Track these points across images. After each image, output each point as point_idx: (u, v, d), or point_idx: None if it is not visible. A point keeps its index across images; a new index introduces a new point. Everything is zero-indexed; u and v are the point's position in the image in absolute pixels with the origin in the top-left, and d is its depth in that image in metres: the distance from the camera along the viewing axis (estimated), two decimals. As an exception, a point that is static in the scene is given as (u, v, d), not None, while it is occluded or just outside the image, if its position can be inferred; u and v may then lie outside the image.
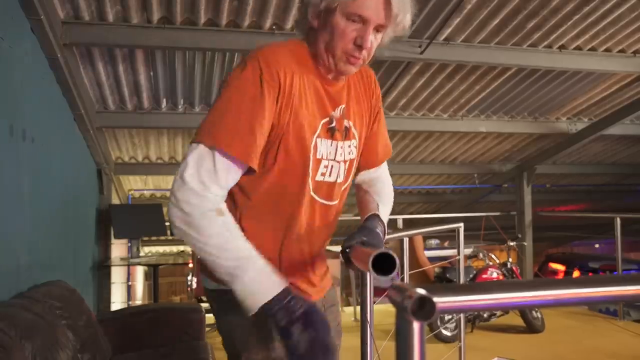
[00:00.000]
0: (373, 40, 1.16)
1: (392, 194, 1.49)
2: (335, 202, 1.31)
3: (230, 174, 1.09)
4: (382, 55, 3.74)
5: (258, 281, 1.04)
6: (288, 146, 1.18)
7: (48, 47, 2.86)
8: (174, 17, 3.20)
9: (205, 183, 1.05)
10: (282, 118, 1.15)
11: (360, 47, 1.15)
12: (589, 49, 4.10)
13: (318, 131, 1.21)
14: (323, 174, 1.25)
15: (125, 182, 6.56)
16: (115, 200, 5.83)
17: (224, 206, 1.09)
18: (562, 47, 4.04)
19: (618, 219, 5.05)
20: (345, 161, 1.29)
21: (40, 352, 1.85)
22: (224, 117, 1.10)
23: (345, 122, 1.27)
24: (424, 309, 0.67)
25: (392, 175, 1.49)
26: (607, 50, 4.14)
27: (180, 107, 4.54)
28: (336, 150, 1.26)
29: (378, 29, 1.16)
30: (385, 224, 1.37)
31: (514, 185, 7.15)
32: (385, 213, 1.41)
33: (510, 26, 3.64)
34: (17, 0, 2.43)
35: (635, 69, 4.32)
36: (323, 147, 1.23)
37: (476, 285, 0.72)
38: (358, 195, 1.45)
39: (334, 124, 1.25)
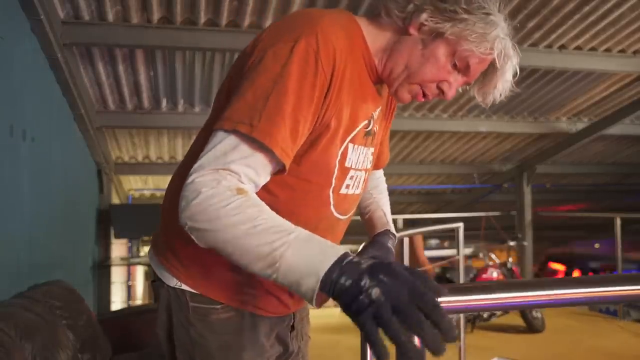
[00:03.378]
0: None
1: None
2: (348, 216, 1.15)
3: (262, 171, 0.87)
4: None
5: (307, 254, 0.74)
6: (317, 150, 0.97)
7: (48, 47, 2.86)
8: (174, 17, 3.20)
9: (221, 173, 0.82)
10: (327, 115, 0.94)
11: (440, 92, 1.00)
12: (589, 49, 4.10)
13: (353, 134, 1.02)
14: (347, 186, 1.08)
15: (125, 182, 6.57)
16: (115, 200, 5.84)
17: (245, 187, 0.83)
18: (562, 47, 4.03)
19: (618, 219, 5.05)
20: (366, 170, 1.13)
21: (40, 352, 1.85)
22: (267, 102, 0.85)
23: (375, 127, 1.11)
24: None
25: (392, 175, 1.48)
26: (607, 50, 4.14)
27: (180, 107, 4.54)
28: (364, 157, 1.10)
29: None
30: (391, 222, 1.30)
31: (513, 185, 7.15)
32: (388, 211, 1.34)
33: (510, 26, 3.63)
34: (17, 0, 2.43)
35: (635, 69, 4.32)
36: (354, 154, 1.05)
37: (475, 285, 0.71)
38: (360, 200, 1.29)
39: (370, 127, 1.08)
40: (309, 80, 0.87)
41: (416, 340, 0.63)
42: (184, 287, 1.03)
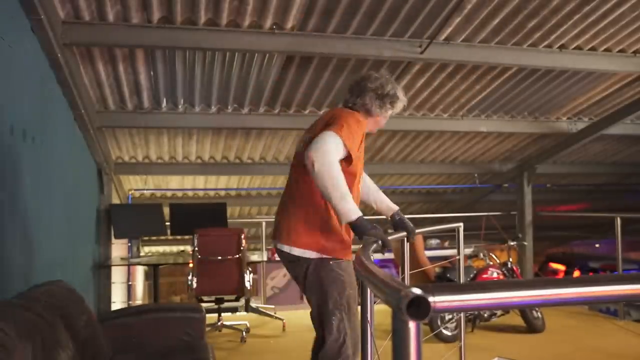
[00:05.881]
0: None
1: None
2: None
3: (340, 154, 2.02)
4: (383, 55, 3.74)
5: (352, 205, 1.91)
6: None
7: (48, 47, 2.86)
8: (174, 17, 3.20)
9: (334, 153, 1.95)
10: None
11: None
12: (589, 49, 4.09)
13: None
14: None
15: (126, 182, 6.56)
16: (115, 200, 5.83)
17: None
18: (562, 47, 4.03)
19: (618, 219, 5.04)
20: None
21: (40, 352, 1.84)
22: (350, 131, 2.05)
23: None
24: (419, 309, 0.67)
25: (392, 175, 1.56)
26: (607, 50, 4.14)
27: (180, 107, 4.54)
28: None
29: None
30: None
31: (514, 185, 7.14)
32: (387, 199, 2.69)
33: (510, 26, 3.64)
34: (17, 0, 2.43)
35: (635, 68, 4.32)
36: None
37: (471, 284, 0.72)
38: None
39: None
40: (360, 130, 2.15)
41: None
42: (325, 256, 2.08)
